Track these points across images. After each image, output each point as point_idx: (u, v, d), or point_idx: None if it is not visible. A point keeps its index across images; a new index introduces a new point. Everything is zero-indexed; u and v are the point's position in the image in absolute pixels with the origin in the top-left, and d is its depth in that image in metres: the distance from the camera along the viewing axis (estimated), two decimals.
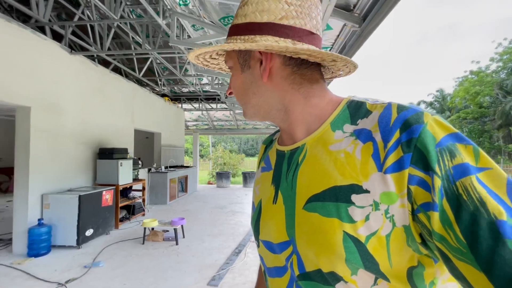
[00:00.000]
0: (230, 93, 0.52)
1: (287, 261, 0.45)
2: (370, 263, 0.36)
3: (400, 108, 0.37)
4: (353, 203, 0.36)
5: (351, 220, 0.36)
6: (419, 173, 0.33)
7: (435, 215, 0.31)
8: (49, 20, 4.32)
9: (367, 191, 0.36)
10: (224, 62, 0.56)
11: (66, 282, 2.74)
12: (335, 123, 0.43)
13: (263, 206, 0.51)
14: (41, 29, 4.69)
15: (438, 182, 0.31)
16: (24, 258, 3.31)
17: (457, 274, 0.30)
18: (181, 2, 3.25)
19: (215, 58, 0.56)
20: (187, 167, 9.06)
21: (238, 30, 0.45)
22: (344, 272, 0.37)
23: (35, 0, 3.62)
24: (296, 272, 0.43)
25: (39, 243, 3.39)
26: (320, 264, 0.39)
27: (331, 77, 0.53)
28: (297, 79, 0.45)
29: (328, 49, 3.05)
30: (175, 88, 8.74)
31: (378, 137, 0.37)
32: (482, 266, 0.28)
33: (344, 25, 2.42)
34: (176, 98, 9.37)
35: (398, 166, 0.34)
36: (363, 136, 0.39)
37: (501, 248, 0.27)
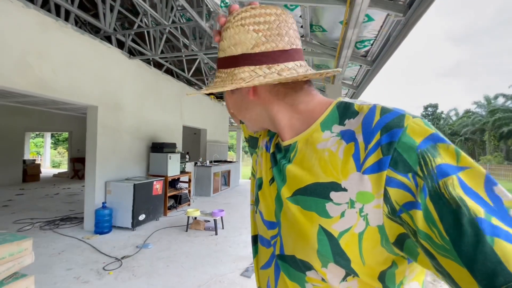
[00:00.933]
0: (232, 113, 0.57)
1: (272, 239, 0.51)
2: (340, 258, 0.38)
3: (384, 110, 0.38)
4: (331, 200, 0.39)
5: (328, 216, 0.39)
6: (397, 176, 0.34)
7: (419, 214, 0.32)
8: (114, 30, 4.96)
9: (345, 190, 0.38)
10: None
11: (122, 258, 3.16)
12: (325, 124, 0.45)
13: (264, 182, 0.56)
14: (108, 38, 5.41)
15: (420, 183, 0.32)
16: (92, 234, 3.92)
17: (441, 271, 0.31)
18: (222, 4, 3.40)
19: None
20: (230, 162, 9.44)
21: (221, 63, 0.49)
22: (315, 263, 0.41)
23: (103, 12, 4.20)
24: (277, 251, 0.48)
25: (103, 223, 3.96)
26: (296, 251, 0.44)
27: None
28: (281, 90, 0.48)
29: (371, 41, 2.86)
30: None
31: (360, 138, 0.38)
32: (465, 262, 0.29)
33: (388, 15, 2.24)
34: (221, 96, 9.80)
35: (377, 168, 0.35)
36: (347, 136, 0.40)
37: (481, 244, 0.28)
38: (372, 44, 2.91)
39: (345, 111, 0.44)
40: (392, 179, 0.34)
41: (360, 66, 3.80)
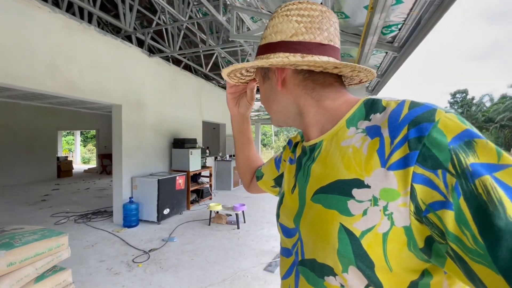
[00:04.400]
0: (265, 105, 0.58)
1: (294, 246, 0.49)
2: (363, 261, 0.35)
3: (413, 104, 0.37)
4: (353, 197, 0.37)
5: (349, 213, 0.37)
6: (425, 172, 0.32)
7: (450, 214, 0.29)
8: (134, 29, 5.07)
9: (368, 186, 0.36)
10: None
11: (149, 251, 3.29)
12: (350, 121, 0.44)
13: (285, 193, 0.56)
14: (128, 38, 5.54)
15: (452, 181, 0.30)
16: (121, 228, 4.11)
17: (472, 277, 0.29)
18: None
19: (250, 72, 0.63)
20: None
21: (260, 50, 0.52)
22: (336, 264, 0.38)
23: (123, 12, 4.28)
24: (299, 258, 0.47)
25: (131, 217, 4.14)
26: (316, 253, 0.42)
27: (349, 83, 0.56)
28: (309, 85, 0.49)
29: (399, 26, 2.66)
30: None
31: (385, 132, 0.37)
32: (501, 269, 0.26)
33: None
34: None
35: (403, 164, 0.33)
36: (372, 131, 0.39)
37: None
38: (400, 29, 2.71)
39: (372, 107, 0.43)
40: (419, 176, 0.32)
41: (386, 53, 3.58)
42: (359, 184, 0.37)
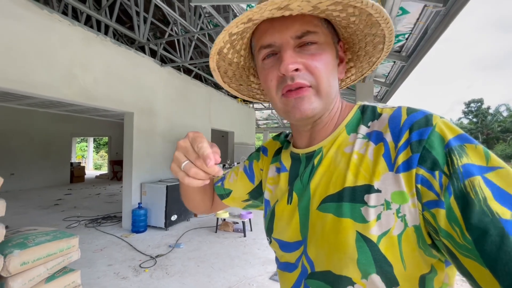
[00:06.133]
0: (297, 70, 0.41)
1: (299, 260, 0.46)
2: (383, 265, 0.35)
3: (410, 110, 0.38)
4: (366, 203, 0.37)
5: (364, 220, 0.37)
6: (425, 173, 0.33)
7: (442, 212, 0.31)
8: (147, 40, 5.28)
9: (378, 191, 0.36)
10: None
11: (156, 256, 3.32)
12: (350, 126, 0.44)
13: (277, 205, 0.52)
14: (142, 48, 5.76)
15: (446, 182, 0.32)
16: (129, 233, 4.17)
17: (463, 271, 0.31)
18: (247, 9, 3.43)
19: (253, 77, 0.56)
20: None
21: None
22: (354, 274, 0.37)
23: (137, 24, 4.48)
24: (309, 271, 0.44)
25: (139, 222, 4.20)
26: (331, 265, 0.40)
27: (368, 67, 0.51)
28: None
29: (406, 35, 2.68)
30: None
31: (388, 137, 0.38)
32: (487, 262, 0.28)
33: (425, 6, 2.08)
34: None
35: (407, 166, 0.35)
36: (375, 137, 0.40)
37: (506, 244, 0.27)
38: (407, 39, 2.73)
39: (368, 114, 0.43)
40: (420, 176, 0.34)
41: (394, 62, 3.58)
42: (370, 189, 0.37)
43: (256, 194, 0.65)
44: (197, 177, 0.38)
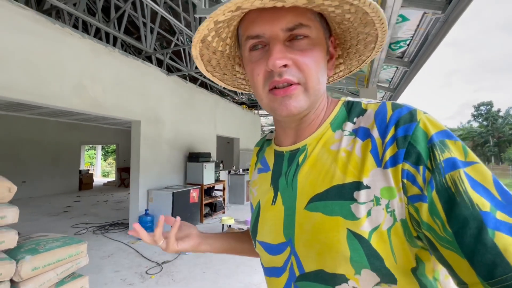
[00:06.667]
0: (285, 65, 0.39)
1: (286, 262, 0.45)
2: (374, 259, 0.36)
3: (395, 106, 0.39)
4: (355, 200, 0.37)
5: (354, 217, 0.36)
6: (410, 168, 0.34)
7: (424, 206, 0.32)
8: (154, 49, 5.43)
9: (368, 187, 0.36)
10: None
11: (163, 263, 3.35)
12: (335, 123, 0.44)
13: (262, 207, 0.51)
14: (148, 58, 5.92)
15: (428, 176, 0.33)
16: (136, 240, 4.21)
17: (443, 261, 0.33)
18: None
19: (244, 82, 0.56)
20: None
21: None
22: (348, 270, 0.37)
23: (144, 35, 4.63)
24: (297, 273, 0.43)
25: (146, 229, 4.22)
26: (323, 264, 0.39)
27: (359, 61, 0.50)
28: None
29: (407, 41, 2.71)
30: (252, 96, 9.33)
31: (375, 133, 0.38)
32: (466, 253, 0.29)
33: (424, 13, 2.11)
34: (253, 105, 9.97)
35: (394, 161, 0.35)
36: (362, 134, 0.40)
37: (483, 236, 0.29)
38: (408, 45, 2.75)
39: (353, 110, 0.43)
40: (406, 171, 0.34)
41: (397, 67, 3.60)
42: (359, 186, 0.37)
43: None
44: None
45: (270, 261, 0.48)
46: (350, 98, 0.46)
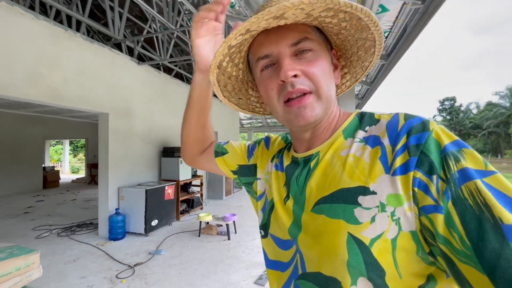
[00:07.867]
0: (296, 76, 0.41)
1: (292, 259, 0.46)
2: (374, 269, 0.35)
3: (407, 116, 0.39)
4: (359, 205, 0.37)
5: (357, 222, 0.36)
6: (422, 176, 0.33)
7: (440, 218, 0.31)
8: (124, 37, 5.03)
9: (374, 193, 0.36)
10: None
11: (135, 265, 3.14)
12: (347, 131, 0.45)
13: (276, 203, 0.52)
14: (118, 46, 5.49)
15: (443, 186, 0.31)
16: (106, 241, 3.94)
17: (460, 278, 0.30)
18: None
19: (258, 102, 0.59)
20: None
21: None
22: (344, 278, 0.37)
23: (112, 19, 4.24)
24: (300, 271, 0.44)
25: (117, 229, 3.98)
26: (321, 266, 0.40)
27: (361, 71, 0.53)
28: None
29: (386, 33, 2.69)
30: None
31: (386, 141, 0.38)
32: (486, 269, 0.27)
33: (404, 3, 2.07)
34: None
35: (405, 169, 0.35)
36: (372, 141, 0.40)
37: (506, 251, 0.26)
38: (386, 37, 2.74)
39: (365, 120, 0.45)
40: (417, 180, 0.33)
41: None
42: (364, 191, 0.37)
43: (245, 172, 0.65)
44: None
45: (277, 254, 0.50)
46: (364, 110, 0.48)
